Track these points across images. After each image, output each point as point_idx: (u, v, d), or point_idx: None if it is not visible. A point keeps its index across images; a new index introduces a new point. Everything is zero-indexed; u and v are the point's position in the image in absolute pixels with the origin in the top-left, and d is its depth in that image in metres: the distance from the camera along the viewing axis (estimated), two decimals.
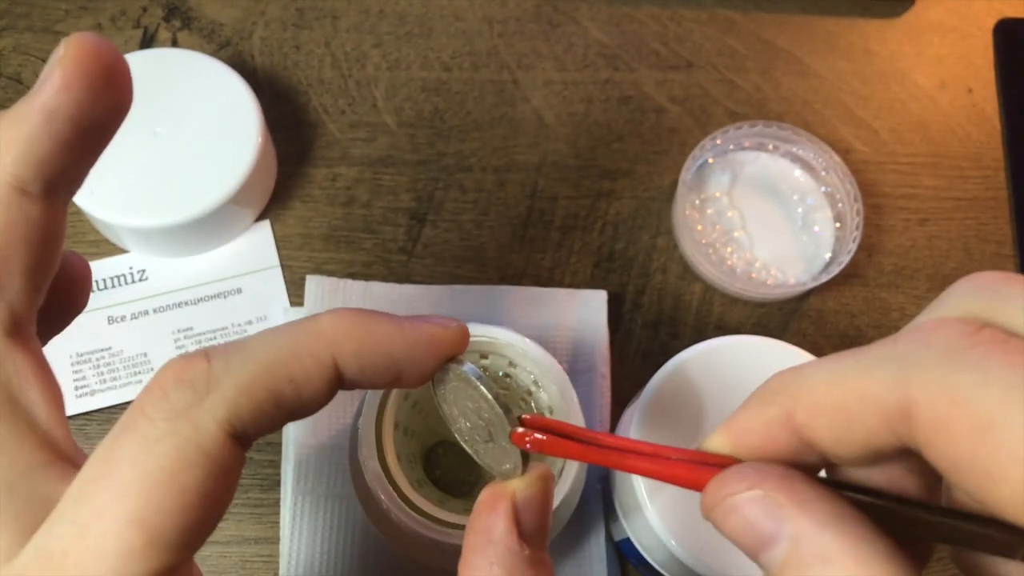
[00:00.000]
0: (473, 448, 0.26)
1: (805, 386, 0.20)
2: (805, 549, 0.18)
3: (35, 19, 0.50)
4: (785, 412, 0.20)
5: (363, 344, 0.22)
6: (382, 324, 0.23)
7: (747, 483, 0.19)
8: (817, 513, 0.18)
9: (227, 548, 0.41)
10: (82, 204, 0.43)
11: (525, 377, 0.39)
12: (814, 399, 0.20)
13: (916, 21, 0.55)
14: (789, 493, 0.19)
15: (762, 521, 0.19)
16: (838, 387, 0.19)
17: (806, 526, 0.18)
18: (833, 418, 0.19)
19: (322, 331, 0.22)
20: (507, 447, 0.23)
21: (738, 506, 0.20)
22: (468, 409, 0.24)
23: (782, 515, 0.19)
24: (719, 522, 0.20)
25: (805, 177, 0.49)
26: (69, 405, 0.42)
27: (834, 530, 0.18)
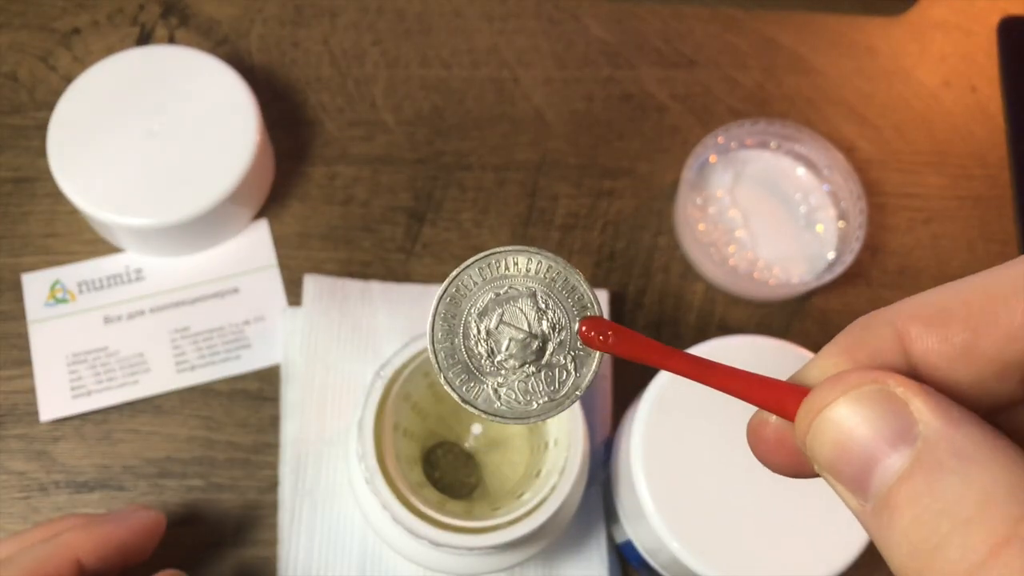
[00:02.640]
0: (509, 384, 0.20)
1: (923, 300, 0.17)
2: (940, 447, 0.15)
3: (31, 16, 0.50)
4: (897, 331, 0.17)
5: (97, 544, 0.33)
6: (108, 525, 0.34)
7: (866, 377, 0.16)
8: (952, 410, 0.15)
9: (225, 550, 0.41)
10: (78, 203, 0.42)
11: None
12: (939, 308, 0.17)
13: (919, 19, 0.55)
14: (918, 389, 0.16)
15: (882, 421, 0.16)
16: (963, 289, 0.17)
17: (939, 424, 0.15)
18: (962, 325, 0.16)
19: (67, 542, 0.33)
20: (561, 364, 0.19)
21: (848, 409, 0.16)
22: (505, 330, 0.20)
23: (909, 414, 0.15)
24: (818, 434, 0.16)
25: (808, 176, 0.49)
26: (65, 406, 0.42)
27: (973, 428, 0.15)
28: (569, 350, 0.19)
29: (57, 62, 0.49)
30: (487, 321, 0.19)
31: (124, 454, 0.42)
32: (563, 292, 0.19)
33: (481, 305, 0.19)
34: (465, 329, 0.19)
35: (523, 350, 0.19)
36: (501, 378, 0.19)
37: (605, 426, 0.43)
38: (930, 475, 0.15)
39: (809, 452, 0.17)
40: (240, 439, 0.43)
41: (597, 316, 0.19)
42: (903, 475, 0.15)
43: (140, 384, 0.43)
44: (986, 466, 0.15)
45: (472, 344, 0.19)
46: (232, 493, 0.42)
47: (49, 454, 0.42)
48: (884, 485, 0.15)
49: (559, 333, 0.19)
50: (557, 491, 0.35)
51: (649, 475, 0.35)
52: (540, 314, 0.19)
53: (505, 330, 0.19)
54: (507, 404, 0.19)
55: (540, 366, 0.19)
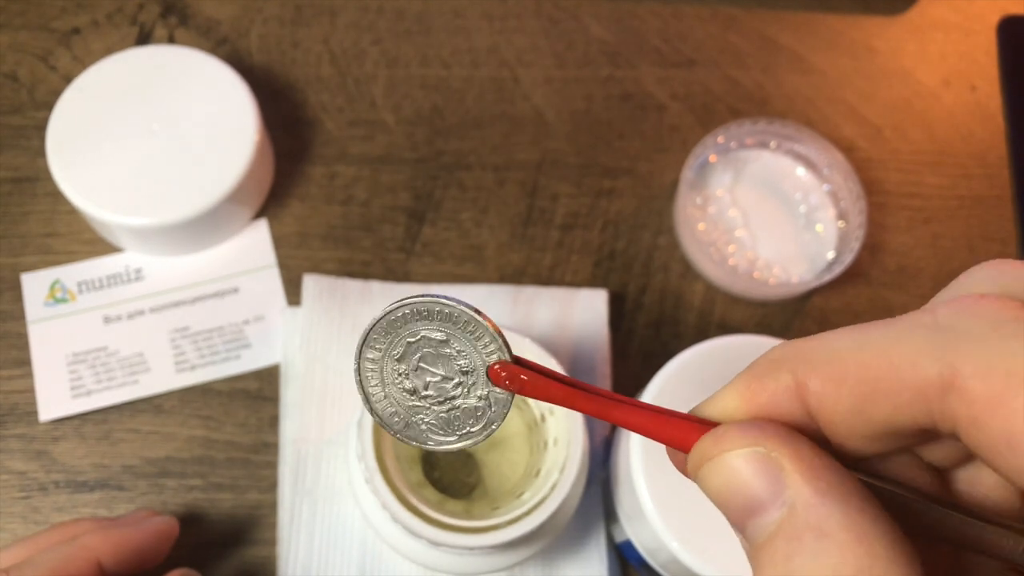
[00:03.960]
0: (414, 423, 0.22)
1: (825, 351, 0.18)
2: (801, 518, 0.16)
3: (31, 16, 0.50)
4: (796, 380, 0.18)
5: (115, 547, 0.34)
6: (126, 529, 0.35)
7: (747, 439, 0.17)
8: (820, 481, 0.16)
9: (225, 550, 0.41)
10: (78, 202, 0.42)
11: None
12: (836, 365, 0.17)
13: (919, 18, 0.55)
14: (793, 455, 0.17)
15: (757, 482, 0.17)
16: (866, 353, 0.17)
17: (806, 493, 0.16)
18: (855, 388, 0.17)
19: (87, 544, 0.33)
20: (473, 404, 0.21)
21: (732, 463, 0.17)
22: (425, 372, 0.22)
23: (781, 478, 0.17)
24: (706, 479, 0.18)
25: (808, 175, 0.49)
26: (65, 405, 0.42)
27: (837, 501, 0.16)
28: (483, 388, 0.21)
29: (57, 62, 0.49)
30: (406, 364, 0.21)
31: (124, 454, 0.42)
32: (473, 337, 0.21)
33: (399, 351, 0.21)
34: (390, 371, 0.22)
35: (441, 389, 0.21)
36: (425, 412, 0.22)
37: (604, 425, 0.43)
38: (788, 545, 0.16)
39: (699, 482, 0.18)
40: (240, 439, 0.43)
41: (505, 361, 0.21)
42: (769, 537, 0.16)
43: (140, 384, 0.43)
44: (838, 546, 0.15)
45: (397, 384, 0.22)
46: (232, 493, 0.42)
47: (49, 454, 0.42)
48: (756, 540, 0.17)
49: (472, 375, 0.21)
50: (556, 491, 0.35)
51: (648, 475, 0.35)
52: (454, 358, 0.21)
53: (424, 372, 0.21)
54: (431, 434, 0.22)
55: (459, 403, 0.21)
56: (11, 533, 0.41)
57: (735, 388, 0.19)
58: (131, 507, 0.41)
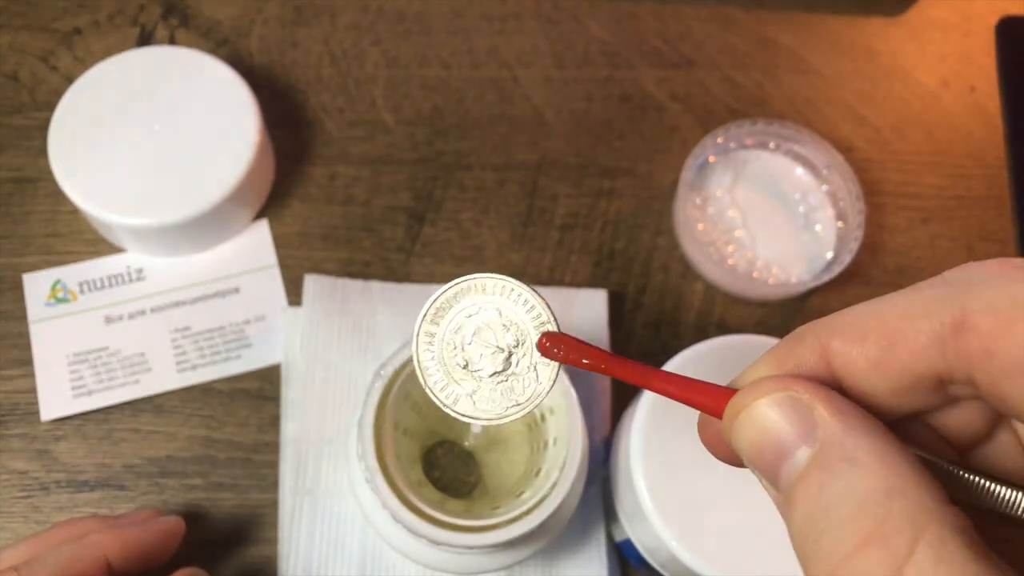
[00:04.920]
0: (471, 393, 0.23)
1: (846, 317, 0.19)
2: (833, 451, 0.17)
3: (32, 17, 0.50)
4: (821, 344, 0.19)
5: (123, 545, 0.34)
6: (134, 529, 0.35)
7: (779, 384, 0.18)
8: (850, 418, 0.17)
9: (226, 549, 0.41)
10: (79, 203, 0.42)
11: None
12: (857, 326, 0.19)
13: (918, 19, 0.55)
14: (823, 396, 0.18)
15: (790, 424, 0.18)
16: (883, 312, 0.18)
17: (836, 428, 0.17)
18: (875, 342, 0.18)
19: (95, 543, 0.34)
20: (522, 375, 0.23)
21: (765, 410, 0.18)
22: (477, 344, 0.23)
23: (812, 417, 0.18)
24: (741, 429, 0.19)
25: (807, 176, 0.49)
26: (66, 405, 0.42)
27: (865, 433, 0.17)
28: (532, 360, 0.22)
29: (58, 62, 0.49)
30: (461, 337, 0.23)
31: (125, 453, 0.42)
32: (524, 310, 0.22)
33: (456, 324, 0.23)
34: (444, 345, 0.23)
35: (492, 361, 0.23)
36: (476, 384, 0.23)
37: (604, 425, 0.43)
38: (822, 475, 0.17)
39: (734, 446, 0.19)
40: (241, 438, 0.43)
41: (553, 332, 0.22)
42: (803, 473, 0.17)
43: (141, 384, 0.43)
44: (868, 471, 0.16)
45: (450, 356, 0.23)
46: (232, 492, 0.42)
47: (50, 453, 0.42)
48: (789, 479, 0.18)
49: (522, 346, 0.22)
50: (556, 490, 0.35)
51: (648, 474, 0.35)
52: (505, 330, 0.23)
53: (477, 345, 0.23)
54: (481, 407, 0.23)
55: (508, 375, 0.23)
56: (12, 532, 0.41)
57: (764, 359, 0.20)
58: (132, 507, 0.41)
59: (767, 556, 0.34)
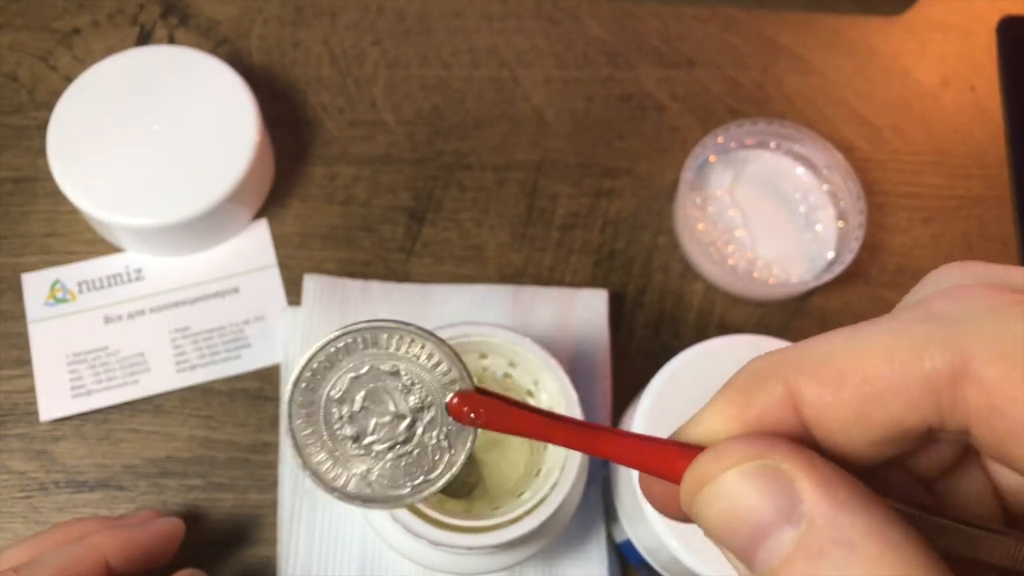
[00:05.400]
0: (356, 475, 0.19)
1: (818, 356, 0.16)
2: (823, 533, 0.14)
3: (31, 16, 0.50)
4: (789, 390, 0.16)
5: (124, 547, 0.34)
6: (134, 530, 0.35)
7: (752, 451, 0.16)
8: (839, 492, 0.15)
9: (225, 550, 0.41)
10: (78, 202, 0.42)
11: (525, 377, 0.38)
12: (833, 369, 0.16)
13: (918, 19, 0.55)
14: (805, 465, 0.15)
15: (767, 500, 0.15)
16: (865, 352, 0.16)
17: (825, 506, 0.15)
18: (857, 390, 0.16)
19: (96, 544, 0.33)
20: (429, 446, 0.19)
21: (736, 483, 0.15)
22: (372, 412, 0.19)
23: (794, 492, 0.15)
24: (706, 506, 0.16)
25: (807, 175, 0.49)
26: (65, 405, 0.42)
27: (860, 511, 0.14)
28: (441, 426, 0.18)
29: (57, 62, 0.49)
30: (349, 405, 0.18)
31: (124, 454, 0.42)
32: (429, 366, 0.18)
33: (341, 388, 0.18)
34: (327, 415, 0.18)
35: (391, 431, 0.18)
36: (371, 462, 0.19)
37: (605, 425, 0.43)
38: (811, 563, 0.14)
39: (696, 519, 0.16)
40: (240, 438, 0.43)
41: (467, 391, 0.18)
42: (786, 559, 0.15)
43: (140, 384, 0.43)
44: (868, 558, 0.14)
45: (335, 430, 0.18)
46: (232, 492, 0.42)
47: (49, 454, 0.42)
48: (769, 566, 0.15)
49: (428, 411, 0.18)
50: (557, 490, 0.35)
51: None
52: (406, 392, 0.18)
53: (370, 413, 0.18)
54: (379, 488, 0.19)
55: (412, 446, 0.19)
56: (12, 533, 0.41)
57: (720, 404, 0.17)
58: (131, 507, 0.41)
59: None
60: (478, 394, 0.18)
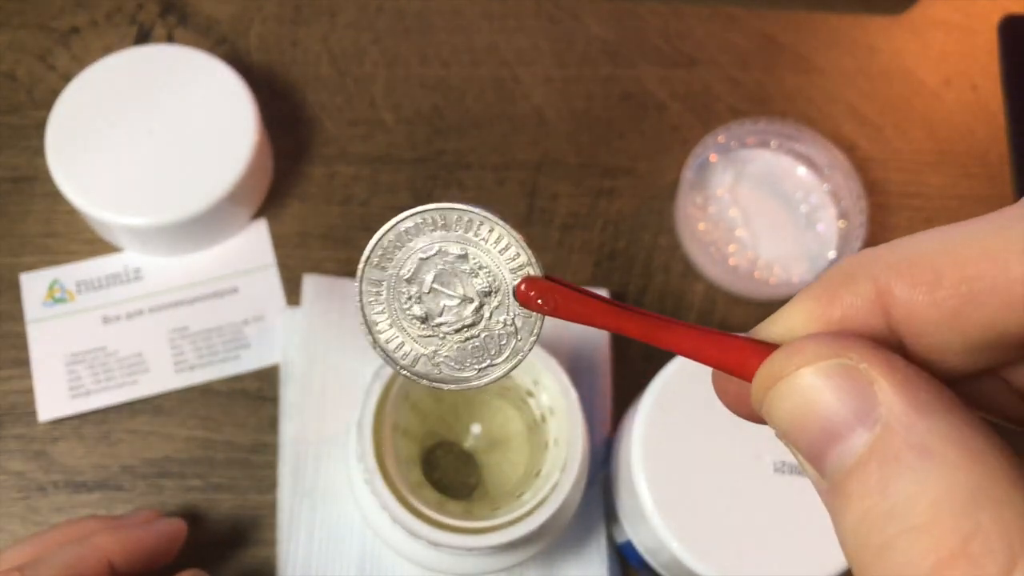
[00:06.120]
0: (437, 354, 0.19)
1: (911, 254, 0.15)
2: (900, 437, 0.13)
3: (30, 15, 0.50)
4: (878, 289, 0.15)
5: (126, 547, 0.34)
6: (137, 530, 0.35)
7: (830, 349, 0.15)
8: (921, 393, 0.14)
9: (224, 551, 0.41)
10: (77, 202, 0.42)
11: (525, 378, 0.38)
12: (927, 267, 0.15)
13: (920, 18, 0.55)
14: (886, 365, 0.14)
15: (842, 400, 0.14)
16: (958, 244, 0.15)
17: (904, 409, 0.14)
18: (953, 289, 0.14)
19: (99, 544, 0.33)
20: (496, 330, 0.18)
21: (811, 380, 0.14)
22: (440, 294, 0.18)
23: (872, 393, 0.14)
24: (777, 403, 0.15)
25: (808, 175, 0.49)
26: (63, 406, 0.42)
27: (941, 416, 0.13)
28: (509, 312, 0.18)
29: (56, 61, 0.49)
30: (418, 284, 0.18)
31: (123, 454, 0.42)
32: (498, 251, 0.18)
33: (411, 267, 0.18)
34: (395, 294, 0.18)
35: (458, 314, 0.18)
36: (438, 342, 0.18)
37: (605, 426, 0.42)
38: (885, 468, 0.13)
39: (767, 418, 0.16)
40: (239, 439, 0.42)
41: (535, 276, 0.18)
42: (858, 462, 0.14)
43: (139, 384, 0.43)
44: (947, 466, 0.13)
45: (405, 309, 0.18)
46: (231, 493, 0.42)
47: (48, 454, 0.42)
48: (840, 468, 0.14)
49: (496, 295, 0.18)
50: (557, 491, 0.35)
51: (649, 475, 0.35)
52: (474, 275, 0.18)
53: (438, 294, 0.18)
54: (446, 369, 0.18)
55: (478, 330, 0.18)
56: (10, 534, 0.41)
57: (803, 302, 0.16)
58: (130, 508, 0.41)
59: (768, 557, 0.34)
60: (544, 280, 0.18)
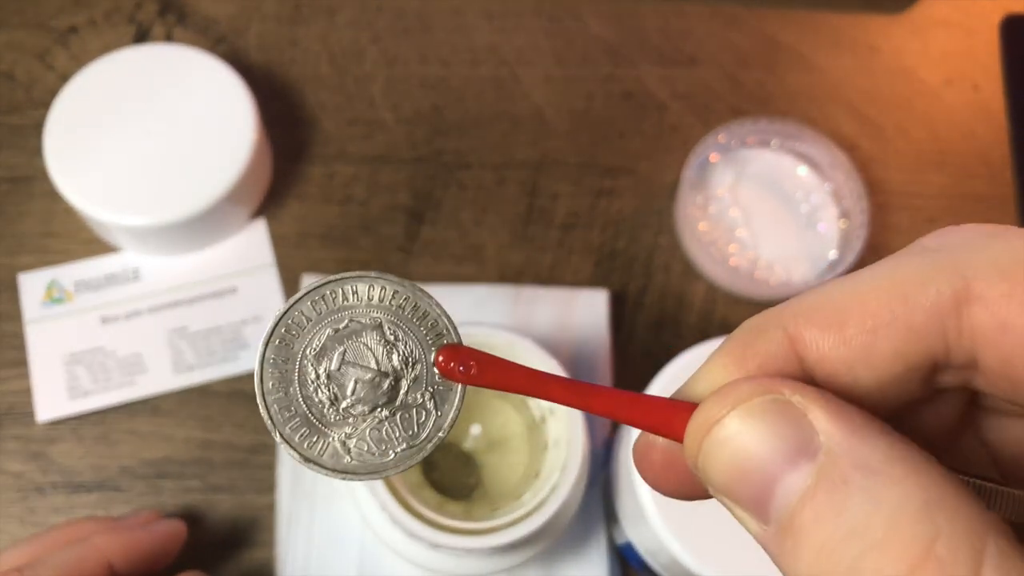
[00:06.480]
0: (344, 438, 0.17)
1: (817, 301, 0.16)
2: (843, 461, 0.14)
3: (28, 15, 0.50)
4: (789, 336, 0.16)
5: (126, 548, 0.34)
6: (137, 532, 0.35)
7: (760, 387, 0.15)
8: (854, 418, 0.14)
9: (223, 552, 0.41)
10: (75, 202, 0.42)
11: None
12: (833, 310, 0.15)
13: (921, 17, 0.54)
14: (815, 395, 0.14)
15: (777, 438, 0.14)
16: (865, 290, 0.15)
17: (841, 435, 0.14)
18: (859, 326, 0.15)
19: (98, 545, 0.33)
20: (414, 407, 0.17)
21: (741, 424, 0.14)
22: (352, 370, 0.17)
23: (806, 425, 0.14)
24: (713, 456, 0.15)
25: (809, 174, 0.49)
26: (62, 406, 0.42)
27: (879, 436, 0.14)
28: (427, 386, 0.17)
29: (54, 61, 0.49)
30: (327, 363, 0.17)
31: (121, 455, 0.42)
32: (414, 320, 0.17)
33: (317, 344, 0.17)
34: (301, 375, 0.17)
35: (372, 391, 0.17)
36: (349, 427, 0.17)
37: (605, 427, 0.42)
38: (834, 493, 0.13)
39: (702, 475, 0.15)
40: (238, 440, 0.42)
41: (455, 345, 0.17)
42: (805, 494, 0.14)
43: (137, 385, 0.42)
44: (895, 480, 0.13)
45: (311, 392, 0.17)
46: (230, 494, 0.41)
47: (46, 455, 0.42)
48: (786, 507, 0.14)
49: (413, 368, 0.17)
50: (557, 492, 0.35)
51: None
52: (389, 348, 0.17)
53: (349, 371, 0.17)
54: (359, 457, 0.17)
55: (394, 408, 0.17)
56: (9, 535, 0.40)
57: (719, 358, 0.16)
58: (129, 509, 0.41)
59: (768, 558, 0.34)
60: (466, 348, 0.17)
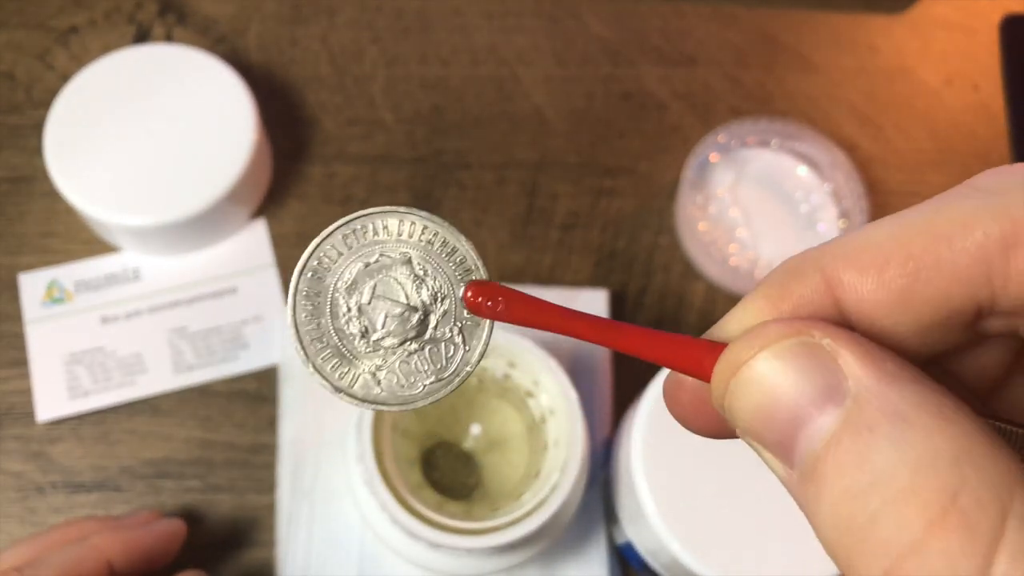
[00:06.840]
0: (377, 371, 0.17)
1: (857, 242, 0.15)
2: (872, 407, 0.13)
3: (28, 15, 0.50)
4: (826, 278, 0.15)
5: (126, 548, 0.34)
6: (137, 531, 0.35)
7: (790, 329, 0.14)
8: (886, 364, 0.14)
9: (223, 552, 0.41)
10: (75, 202, 0.42)
11: (525, 377, 0.38)
12: (874, 251, 0.15)
13: (921, 17, 0.54)
14: (845, 339, 0.14)
15: (806, 379, 0.14)
16: (901, 229, 0.15)
17: (871, 380, 0.13)
18: (900, 269, 0.14)
19: (98, 545, 0.33)
20: (442, 341, 0.17)
21: (769, 365, 0.14)
22: (382, 304, 0.17)
23: (836, 369, 0.14)
24: (737, 396, 0.15)
25: (809, 174, 0.49)
26: (62, 406, 0.42)
27: (910, 383, 0.13)
28: (455, 321, 0.17)
29: (54, 61, 0.49)
30: (357, 296, 0.17)
31: (121, 455, 0.42)
32: (443, 256, 0.17)
33: (349, 278, 0.17)
34: (333, 307, 0.17)
35: (402, 325, 0.17)
36: (379, 359, 0.17)
37: (605, 426, 0.42)
38: (860, 440, 0.13)
39: (728, 415, 0.15)
40: (238, 440, 0.42)
41: (483, 280, 0.17)
42: (830, 440, 0.13)
43: (137, 384, 0.42)
44: (923, 429, 0.13)
45: (342, 324, 0.17)
46: (230, 494, 0.41)
47: (46, 455, 0.42)
48: (811, 451, 0.14)
49: (442, 303, 0.17)
50: (557, 492, 0.35)
51: (649, 476, 0.34)
52: (418, 283, 0.17)
53: (379, 304, 0.17)
54: (388, 388, 0.17)
55: (423, 342, 0.17)
56: (8, 535, 0.40)
57: (753, 300, 0.16)
58: (129, 508, 0.41)
59: (768, 557, 0.34)
60: (494, 284, 0.17)
